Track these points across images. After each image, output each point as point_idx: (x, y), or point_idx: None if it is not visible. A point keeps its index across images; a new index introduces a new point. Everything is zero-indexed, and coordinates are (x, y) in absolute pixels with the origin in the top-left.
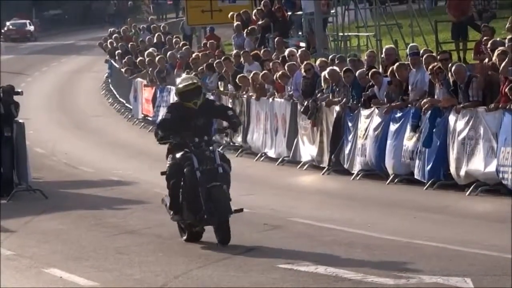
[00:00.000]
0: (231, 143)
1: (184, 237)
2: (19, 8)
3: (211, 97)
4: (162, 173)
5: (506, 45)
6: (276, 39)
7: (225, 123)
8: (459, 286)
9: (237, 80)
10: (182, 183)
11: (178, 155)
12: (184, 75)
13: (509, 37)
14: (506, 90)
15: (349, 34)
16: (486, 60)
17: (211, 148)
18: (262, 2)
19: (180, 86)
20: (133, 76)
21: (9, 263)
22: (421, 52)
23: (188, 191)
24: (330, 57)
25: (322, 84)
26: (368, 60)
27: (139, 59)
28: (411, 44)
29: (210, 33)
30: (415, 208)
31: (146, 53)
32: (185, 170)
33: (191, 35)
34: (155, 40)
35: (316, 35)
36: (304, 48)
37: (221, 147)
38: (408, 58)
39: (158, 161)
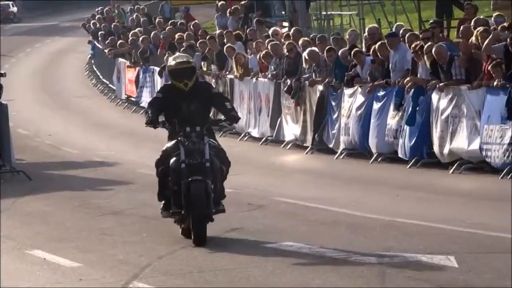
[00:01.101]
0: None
1: (180, 232)
2: None
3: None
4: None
5: (491, 23)
6: (255, 20)
7: (221, 116)
8: (442, 264)
9: (225, 50)
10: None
11: (169, 144)
12: (178, 54)
13: (495, 14)
14: (489, 68)
15: (332, 13)
16: (472, 39)
17: (203, 140)
18: None
19: (172, 63)
20: (111, 51)
21: None
22: (400, 31)
23: (172, 183)
24: (311, 36)
25: (304, 64)
26: (350, 39)
27: (119, 41)
28: (396, 24)
29: (185, 14)
30: (398, 187)
31: (130, 33)
32: (171, 161)
33: (170, 18)
34: (141, 20)
35: (299, 14)
36: (295, 27)
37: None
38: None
39: (142, 142)
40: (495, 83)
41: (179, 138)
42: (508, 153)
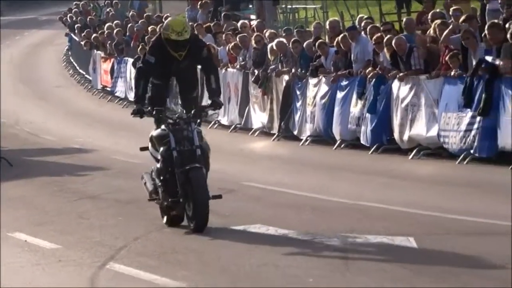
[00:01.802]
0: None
1: (164, 220)
2: None
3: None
4: (142, 149)
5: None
6: (222, 14)
7: (205, 103)
8: (403, 245)
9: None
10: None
11: (155, 133)
12: (176, 18)
13: (454, 8)
14: (447, 58)
15: (297, 6)
16: (430, 31)
17: (191, 127)
18: None
19: (172, 35)
20: (87, 43)
21: None
22: (362, 24)
23: (163, 172)
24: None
25: (269, 55)
26: (315, 31)
27: (93, 35)
28: (358, 16)
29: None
30: (361, 172)
31: (105, 26)
32: (160, 149)
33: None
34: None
35: (266, 8)
36: (258, 20)
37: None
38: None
39: (117, 130)
40: (452, 73)
41: (168, 125)
42: (465, 139)
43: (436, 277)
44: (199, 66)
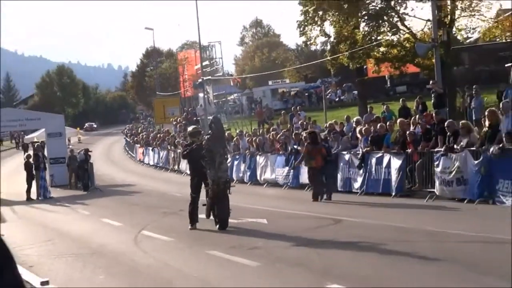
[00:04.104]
0: None
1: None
2: None
3: None
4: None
5: None
6: None
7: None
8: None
9: None
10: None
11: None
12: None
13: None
14: None
15: None
16: None
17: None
18: None
19: (190, 128)
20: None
21: None
22: None
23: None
24: None
25: None
26: None
27: (135, 138)
28: None
29: None
30: None
31: (140, 135)
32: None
33: None
34: None
35: None
36: None
37: None
38: None
39: (147, 178)
40: None
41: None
42: None
43: None
44: None
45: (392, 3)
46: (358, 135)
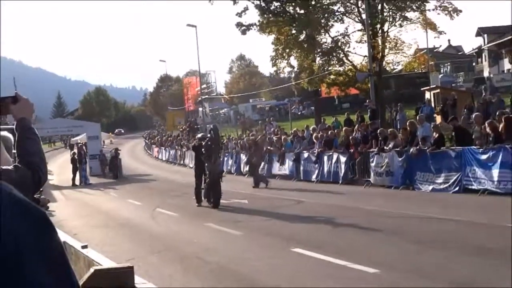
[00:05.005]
0: None
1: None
2: None
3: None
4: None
5: None
6: None
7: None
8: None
9: None
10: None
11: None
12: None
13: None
14: None
15: None
16: None
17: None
18: None
19: (199, 135)
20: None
21: None
22: None
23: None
24: None
25: None
26: None
27: (152, 140)
28: None
29: None
30: None
31: (156, 138)
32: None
33: None
34: None
35: None
36: None
37: None
38: None
39: (166, 170)
40: None
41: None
42: None
43: None
44: None
45: (339, 43)
46: (314, 140)
